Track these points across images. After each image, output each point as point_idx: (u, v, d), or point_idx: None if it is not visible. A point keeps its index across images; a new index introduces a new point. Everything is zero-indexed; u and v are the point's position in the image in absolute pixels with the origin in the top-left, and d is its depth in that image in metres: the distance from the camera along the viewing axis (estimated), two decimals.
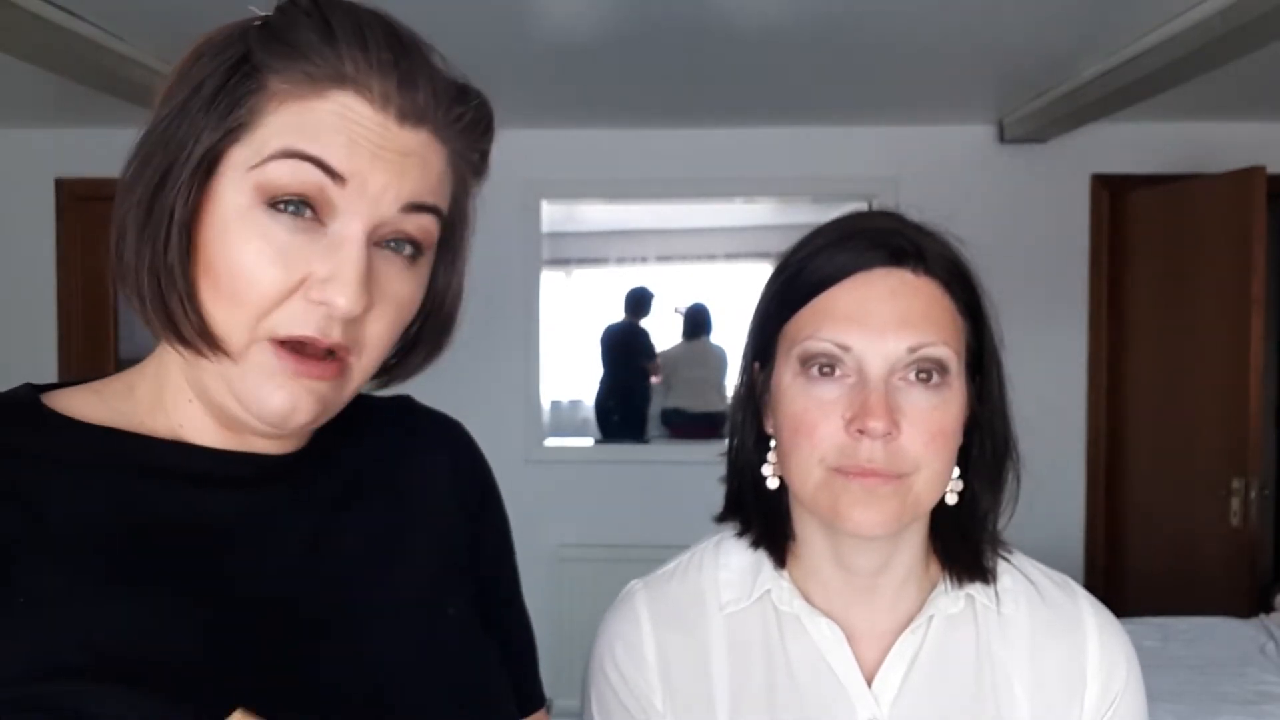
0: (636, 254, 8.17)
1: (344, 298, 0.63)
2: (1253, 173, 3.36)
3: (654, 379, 6.82)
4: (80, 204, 4.06)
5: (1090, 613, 0.94)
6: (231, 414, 0.67)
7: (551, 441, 4.45)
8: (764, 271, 0.95)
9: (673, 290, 7.38)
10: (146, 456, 0.67)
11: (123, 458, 0.67)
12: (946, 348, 0.84)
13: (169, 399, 0.70)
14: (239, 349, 0.65)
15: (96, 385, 0.72)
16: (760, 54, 3.02)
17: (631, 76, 3.32)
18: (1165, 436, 3.81)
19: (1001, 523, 0.93)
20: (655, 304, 6.91)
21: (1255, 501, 3.38)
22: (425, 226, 0.68)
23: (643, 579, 0.99)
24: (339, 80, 0.64)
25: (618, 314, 6.81)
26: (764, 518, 0.94)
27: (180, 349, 0.65)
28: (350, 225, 0.64)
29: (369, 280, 0.64)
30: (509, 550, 0.89)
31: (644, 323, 6.82)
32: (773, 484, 0.92)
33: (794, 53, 3.01)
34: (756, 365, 0.94)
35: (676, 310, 7.00)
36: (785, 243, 0.93)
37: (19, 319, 4.12)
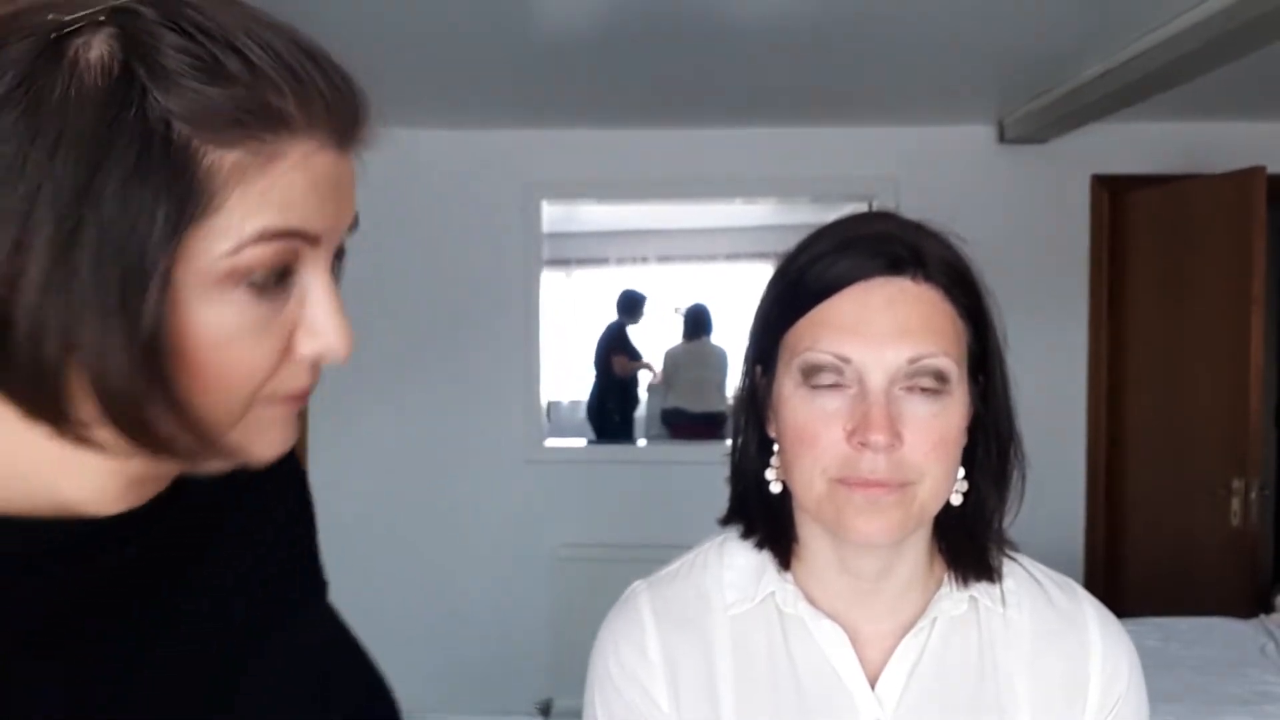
0: (636, 254, 8.17)
1: (345, 345, 0.60)
2: (1253, 173, 3.36)
3: (647, 376, 6.82)
4: None
5: (1093, 615, 0.94)
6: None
7: (551, 442, 4.45)
8: (764, 271, 0.95)
9: (673, 290, 7.37)
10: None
11: None
12: (946, 357, 0.84)
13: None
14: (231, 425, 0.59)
15: None
16: (760, 54, 3.02)
17: (631, 76, 3.31)
18: (1165, 436, 3.80)
19: (1005, 522, 0.93)
20: (648, 305, 6.87)
21: (1255, 501, 3.38)
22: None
23: (646, 579, 0.98)
24: (290, 131, 0.54)
25: (611, 315, 6.80)
26: (768, 521, 0.94)
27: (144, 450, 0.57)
28: (316, 271, 0.59)
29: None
30: None
31: (637, 324, 6.80)
32: (776, 488, 0.92)
33: (794, 52, 3.01)
34: (758, 369, 0.93)
35: (677, 310, 6.99)
36: (785, 243, 0.93)
37: None
